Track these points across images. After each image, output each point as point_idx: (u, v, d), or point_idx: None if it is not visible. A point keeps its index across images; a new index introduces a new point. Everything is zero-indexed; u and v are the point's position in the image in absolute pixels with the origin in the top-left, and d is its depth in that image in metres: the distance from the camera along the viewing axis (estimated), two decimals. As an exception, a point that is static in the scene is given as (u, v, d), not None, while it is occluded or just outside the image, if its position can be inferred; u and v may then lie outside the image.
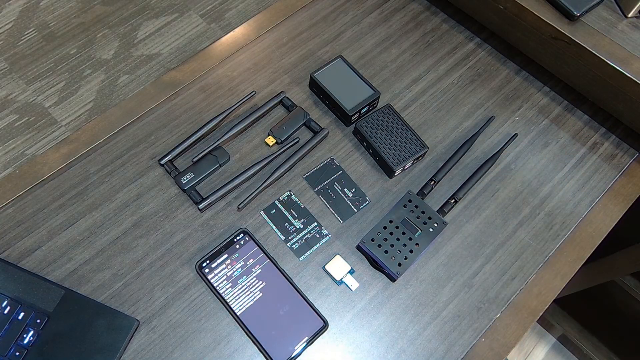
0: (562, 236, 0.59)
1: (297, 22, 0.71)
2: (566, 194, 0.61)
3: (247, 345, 0.52)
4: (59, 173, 0.59)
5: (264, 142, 0.62)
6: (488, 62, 0.69)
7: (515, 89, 0.68)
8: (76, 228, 0.56)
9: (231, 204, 0.59)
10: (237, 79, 0.66)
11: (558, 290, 0.56)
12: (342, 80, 0.63)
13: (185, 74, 0.66)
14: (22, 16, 0.70)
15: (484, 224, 0.59)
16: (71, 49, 0.68)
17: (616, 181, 0.62)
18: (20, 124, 0.63)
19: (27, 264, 0.54)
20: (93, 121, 0.63)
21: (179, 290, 0.54)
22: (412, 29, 0.71)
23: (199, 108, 0.64)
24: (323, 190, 0.60)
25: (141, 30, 0.70)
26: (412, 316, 0.54)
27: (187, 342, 0.52)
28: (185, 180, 0.58)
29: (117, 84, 0.66)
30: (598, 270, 0.99)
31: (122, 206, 0.58)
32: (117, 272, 0.54)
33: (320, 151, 0.62)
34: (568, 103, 0.67)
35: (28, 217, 0.57)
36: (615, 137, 0.65)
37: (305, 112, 0.63)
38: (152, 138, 0.62)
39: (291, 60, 0.68)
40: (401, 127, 0.61)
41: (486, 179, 0.62)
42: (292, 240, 0.57)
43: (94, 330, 0.50)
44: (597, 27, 0.59)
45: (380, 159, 0.60)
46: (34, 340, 0.49)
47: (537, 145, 0.64)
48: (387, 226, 0.55)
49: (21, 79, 0.66)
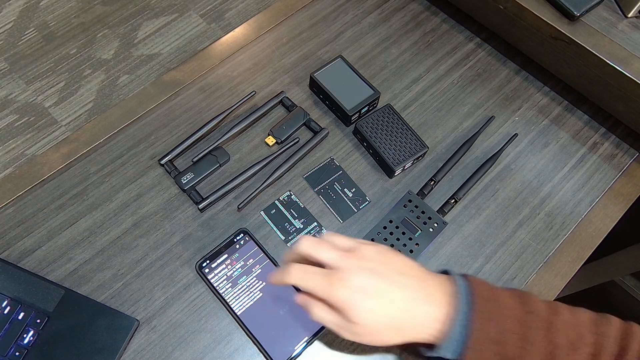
0: (562, 236, 0.59)
1: (297, 22, 0.71)
2: (566, 194, 0.61)
3: (247, 345, 0.52)
4: (59, 173, 0.59)
5: (264, 142, 0.62)
6: (488, 62, 0.69)
7: (515, 89, 0.68)
8: (76, 228, 0.56)
9: (231, 204, 0.59)
10: (237, 79, 0.66)
11: (558, 290, 0.56)
12: (342, 80, 0.63)
13: (185, 74, 0.66)
14: (22, 16, 0.70)
15: (484, 224, 0.59)
16: (71, 49, 0.68)
17: (616, 181, 0.62)
18: (20, 124, 0.63)
19: (27, 264, 0.54)
20: (93, 121, 0.63)
21: (179, 290, 0.54)
22: (412, 29, 0.71)
23: (199, 108, 0.64)
24: (323, 190, 0.60)
25: (141, 30, 0.70)
26: (412, 316, 0.54)
27: (187, 342, 0.52)
28: (185, 180, 0.58)
29: (117, 84, 0.66)
30: (598, 270, 0.99)
31: (122, 206, 0.58)
32: (117, 272, 0.54)
33: (320, 151, 0.62)
34: (568, 103, 0.67)
35: (28, 217, 0.57)
36: (615, 137, 0.65)
37: (305, 112, 0.63)
38: (152, 138, 0.62)
39: (291, 60, 0.68)
40: (401, 127, 0.61)
41: (486, 179, 0.62)
42: (292, 240, 0.57)
43: (94, 330, 0.50)
44: (597, 27, 0.59)
45: (380, 159, 0.60)
46: (34, 340, 0.49)
47: (537, 145, 0.64)
48: (387, 226, 0.55)
49: (21, 79, 0.66)
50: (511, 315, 0.40)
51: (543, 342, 0.39)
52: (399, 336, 0.41)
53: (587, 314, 0.42)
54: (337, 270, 0.40)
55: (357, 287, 0.39)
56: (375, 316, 0.40)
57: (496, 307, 0.40)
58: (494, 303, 0.40)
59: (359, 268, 0.40)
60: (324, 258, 0.41)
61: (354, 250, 0.42)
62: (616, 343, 0.40)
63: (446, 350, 0.40)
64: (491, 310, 0.40)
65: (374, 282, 0.40)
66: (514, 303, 0.41)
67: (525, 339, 0.39)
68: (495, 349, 0.39)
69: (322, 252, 0.41)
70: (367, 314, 0.39)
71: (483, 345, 0.39)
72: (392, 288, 0.40)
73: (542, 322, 0.40)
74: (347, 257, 0.41)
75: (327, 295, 0.40)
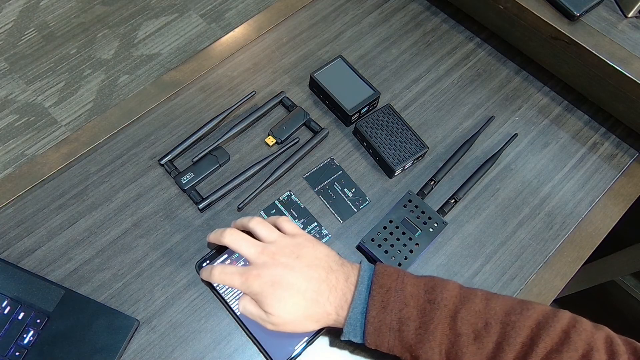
0: (562, 236, 0.59)
1: (297, 22, 0.71)
2: (566, 194, 0.61)
3: (247, 345, 0.52)
4: (59, 173, 0.59)
5: (264, 142, 0.62)
6: (488, 62, 0.69)
7: (515, 89, 0.68)
8: (76, 228, 0.56)
9: (231, 204, 0.59)
10: (237, 79, 0.66)
11: (558, 290, 0.56)
12: (342, 80, 0.63)
13: (185, 74, 0.66)
14: (22, 16, 0.70)
15: (484, 224, 0.59)
16: (71, 49, 0.68)
17: (616, 181, 0.62)
18: (20, 124, 0.63)
19: (27, 264, 0.54)
20: (93, 121, 0.62)
21: (179, 290, 0.54)
22: (412, 29, 0.71)
23: (199, 108, 0.64)
24: (323, 190, 0.60)
25: (141, 30, 0.70)
26: (412, 316, 0.54)
27: (187, 342, 0.52)
28: (185, 180, 0.58)
29: (117, 84, 0.66)
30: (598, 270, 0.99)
31: (122, 206, 0.58)
32: (117, 272, 0.54)
33: (320, 151, 0.62)
34: (568, 103, 0.67)
35: (28, 217, 0.57)
36: (615, 137, 0.65)
37: (305, 112, 0.63)
38: (152, 138, 0.62)
39: (291, 60, 0.68)
40: (401, 127, 0.61)
41: (486, 179, 0.62)
42: (292, 240, 0.57)
43: (94, 330, 0.50)
44: (597, 27, 0.59)
45: (380, 159, 0.60)
46: (34, 340, 0.49)
47: (537, 145, 0.64)
48: (387, 226, 0.55)
49: (21, 79, 0.66)
50: (412, 304, 0.43)
51: (444, 330, 0.42)
52: (313, 323, 0.46)
53: (507, 302, 0.43)
54: (254, 266, 0.46)
55: (270, 281, 0.44)
56: (286, 307, 0.44)
57: (398, 296, 0.44)
58: (397, 292, 0.44)
59: (272, 263, 0.45)
60: (245, 254, 0.47)
61: (273, 243, 0.47)
62: (527, 333, 0.41)
63: (350, 335, 0.45)
64: (390, 299, 0.43)
65: (285, 276, 0.44)
66: (419, 292, 0.44)
67: (424, 326, 0.42)
68: (394, 334, 0.43)
69: (243, 248, 0.47)
70: (280, 305, 0.44)
71: (381, 331, 0.43)
72: (300, 281, 0.45)
73: (445, 311, 0.43)
74: (264, 252, 0.46)
75: (245, 289, 0.45)
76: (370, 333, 0.43)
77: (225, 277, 0.46)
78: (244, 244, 0.47)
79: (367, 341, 0.44)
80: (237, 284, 0.46)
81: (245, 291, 0.46)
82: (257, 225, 0.48)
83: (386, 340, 0.43)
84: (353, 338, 0.45)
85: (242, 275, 0.45)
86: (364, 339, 0.44)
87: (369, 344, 0.44)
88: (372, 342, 0.44)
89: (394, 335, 0.43)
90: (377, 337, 0.43)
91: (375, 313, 0.43)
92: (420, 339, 0.42)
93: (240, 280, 0.45)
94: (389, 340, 0.43)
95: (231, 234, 0.48)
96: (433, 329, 0.42)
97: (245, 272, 0.45)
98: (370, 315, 0.43)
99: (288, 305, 0.44)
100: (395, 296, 0.43)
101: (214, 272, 0.47)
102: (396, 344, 0.43)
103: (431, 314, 0.42)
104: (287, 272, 0.45)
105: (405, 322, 0.43)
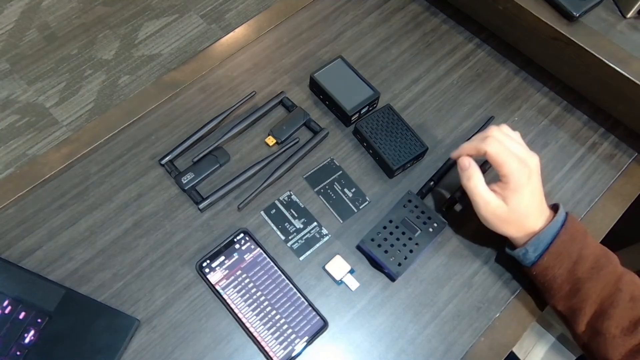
0: (562, 236, 0.59)
1: (297, 23, 0.71)
2: (565, 194, 0.61)
3: (247, 345, 0.52)
4: (60, 173, 0.59)
5: (264, 142, 0.62)
6: (488, 62, 0.70)
7: (515, 89, 0.68)
8: (77, 228, 0.56)
9: (231, 204, 0.59)
10: (237, 79, 0.67)
11: (557, 290, 0.56)
12: (342, 81, 0.63)
13: (185, 74, 0.66)
14: (24, 17, 0.70)
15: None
16: (72, 49, 0.68)
17: (615, 181, 0.63)
18: (21, 124, 0.63)
19: (27, 264, 0.54)
20: (94, 121, 0.63)
21: (179, 290, 0.54)
22: (412, 30, 0.72)
23: (199, 108, 0.64)
24: (323, 190, 0.60)
25: (142, 31, 0.70)
26: (412, 316, 0.54)
27: (187, 342, 0.52)
28: (186, 180, 0.58)
29: (118, 84, 0.66)
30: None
31: (123, 206, 0.58)
32: (117, 272, 0.54)
33: (320, 151, 0.62)
34: (567, 103, 0.67)
35: (29, 217, 0.57)
36: (615, 137, 0.65)
37: (305, 112, 0.63)
38: (152, 138, 0.62)
39: (291, 60, 0.68)
40: (401, 127, 0.61)
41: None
42: (292, 240, 0.57)
43: (95, 330, 0.50)
44: (596, 27, 0.59)
45: (380, 159, 0.60)
46: (34, 339, 0.50)
47: (537, 145, 0.64)
48: (387, 226, 0.55)
49: (22, 80, 0.66)
50: (591, 251, 0.50)
51: (611, 280, 0.48)
52: (512, 226, 0.51)
53: None
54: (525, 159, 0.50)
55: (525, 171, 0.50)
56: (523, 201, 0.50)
57: (582, 238, 0.50)
58: (582, 235, 0.50)
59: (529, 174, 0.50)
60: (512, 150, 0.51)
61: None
62: None
63: (531, 247, 0.50)
64: (577, 237, 0.50)
65: (533, 179, 0.50)
66: (597, 246, 0.51)
67: (597, 269, 0.48)
68: (568, 265, 0.49)
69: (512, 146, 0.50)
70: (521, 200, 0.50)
71: (560, 256, 0.49)
72: (534, 188, 0.50)
73: (613, 269, 0.49)
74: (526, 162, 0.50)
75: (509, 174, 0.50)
76: (552, 252, 0.49)
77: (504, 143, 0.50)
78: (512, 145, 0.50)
79: (544, 258, 0.49)
80: (515, 166, 0.49)
81: (508, 177, 0.49)
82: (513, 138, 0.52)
83: (558, 266, 0.49)
84: (531, 252, 0.50)
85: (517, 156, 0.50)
86: (541, 257, 0.49)
87: (541, 264, 0.49)
88: (548, 261, 0.49)
89: (568, 265, 0.49)
90: (554, 259, 0.49)
91: (564, 239, 0.49)
92: (590, 277, 0.48)
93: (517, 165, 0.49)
94: (561, 266, 0.49)
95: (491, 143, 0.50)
96: (603, 274, 0.48)
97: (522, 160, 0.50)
98: (560, 240, 0.49)
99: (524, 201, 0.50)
100: (581, 238, 0.50)
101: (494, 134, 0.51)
102: (563, 273, 0.49)
103: (604, 265, 0.49)
104: (533, 178, 0.50)
105: (583, 258, 0.49)
